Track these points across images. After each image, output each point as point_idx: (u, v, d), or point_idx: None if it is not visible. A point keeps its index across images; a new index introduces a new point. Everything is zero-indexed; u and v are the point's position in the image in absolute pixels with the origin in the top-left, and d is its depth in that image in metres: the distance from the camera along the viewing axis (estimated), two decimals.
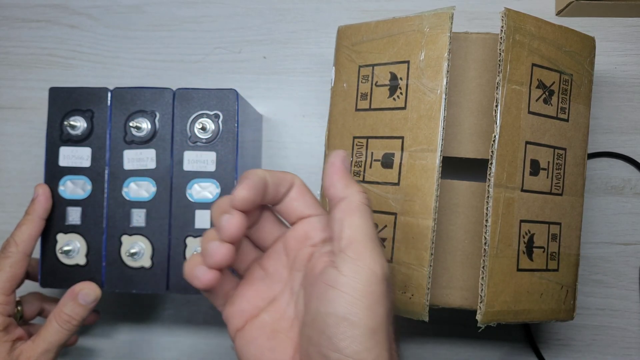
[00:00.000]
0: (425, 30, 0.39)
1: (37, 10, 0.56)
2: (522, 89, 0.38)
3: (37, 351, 0.40)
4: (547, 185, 0.39)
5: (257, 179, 0.31)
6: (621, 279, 0.51)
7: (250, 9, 0.55)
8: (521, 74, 0.38)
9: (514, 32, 0.37)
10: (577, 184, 0.40)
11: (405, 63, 0.40)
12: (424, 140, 0.38)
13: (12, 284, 0.41)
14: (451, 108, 0.39)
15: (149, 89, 0.44)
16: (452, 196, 0.39)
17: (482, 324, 0.37)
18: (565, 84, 0.39)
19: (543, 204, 0.38)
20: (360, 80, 0.42)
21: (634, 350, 0.51)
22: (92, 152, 0.44)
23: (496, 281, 0.37)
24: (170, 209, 0.43)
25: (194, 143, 0.43)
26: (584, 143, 0.40)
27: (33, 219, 0.42)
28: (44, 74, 0.56)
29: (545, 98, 0.38)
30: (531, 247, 0.39)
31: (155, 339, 0.54)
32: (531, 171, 0.38)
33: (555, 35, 0.39)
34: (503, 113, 0.37)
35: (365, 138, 0.41)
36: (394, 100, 0.40)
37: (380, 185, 0.40)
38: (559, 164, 0.39)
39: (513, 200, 0.37)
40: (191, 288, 0.43)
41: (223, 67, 0.54)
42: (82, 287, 0.42)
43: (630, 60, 0.52)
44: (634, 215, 0.51)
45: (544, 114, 0.38)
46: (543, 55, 0.38)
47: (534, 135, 0.38)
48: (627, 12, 0.51)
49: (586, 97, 0.40)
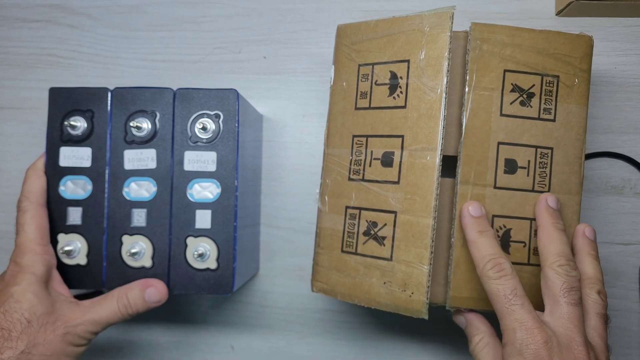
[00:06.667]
0: (426, 30, 0.40)
1: (37, 10, 0.56)
2: (492, 94, 0.40)
3: (83, 318, 0.40)
4: (528, 183, 0.40)
5: None
6: (621, 279, 0.51)
7: (250, 9, 0.55)
8: (490, 80, 0.40)
9: (481, 44, 0.40)
10: (570, 182, 0.40)
11: (405, 62, 0.40)
12: (424, 139, 0.39)
13: (42, 233, 0.42)
14: (451, 107, 0.40)
15: (149, 89, 0.44)
16: (452, 195, 0.40)
17: (449, 307, 0.39)
18: (550, 85, 0.40)
19: (523, 200, 0.40)
20: (360, 79, 0.42)
21: (634, 351, 0.51)
22: (92, 152, 0.44)
23: (463, 269, 0.39)
24: (171, 209, 0.43)
25: (194, 143, 0.43)
26: (578, 142, 0.41)
27: (35, 173, 0.43)
28: (44, 74, 0.56)
29: (522, 100, 0.40)
30: (507, 240, 0.40)
31: (155, 339, 0.54)
32: (506, 169, 0.40)
33: (533, 40, 0.40)
34: (470, 117, 0.39)
35: (365, 137, 0.41)
36: (394, 99, 0.40)
37: (380, 184, 0.40)
38: (544, 163, 0.40)
39: (483, 196, 0.39)
40: (191, 288, 0.43)
41: (223, 67, 0.54)
42: (154, 284, 0.42)
43: (630, 60, 0.52)
44: (633, 215, 0.51)
45: (521, 116, 0.40)
46: (518, 61, 0.40)
47: (508, 136, 0.40)
48: (627, 12, 0.51)
49: (580, 96, 0.41)
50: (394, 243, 0.39)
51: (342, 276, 0.41)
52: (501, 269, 0.36)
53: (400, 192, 0.39)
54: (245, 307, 0.54)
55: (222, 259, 0.43)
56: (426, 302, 0.37)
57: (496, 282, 0.36)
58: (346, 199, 0.42)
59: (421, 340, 0.52)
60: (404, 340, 0.53)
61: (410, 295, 0.38)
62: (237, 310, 0.54)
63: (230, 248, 0.43)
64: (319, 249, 0.43)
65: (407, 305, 0.38)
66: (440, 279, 0.40)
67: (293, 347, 0.53)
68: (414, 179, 0.39)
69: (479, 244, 0.38)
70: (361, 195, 0.41)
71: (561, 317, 0.35)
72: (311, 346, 0.53)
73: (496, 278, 0.36)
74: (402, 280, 0.39)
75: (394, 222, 0.39)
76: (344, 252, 0.41)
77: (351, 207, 0.41)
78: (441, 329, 0.52)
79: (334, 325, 0.53)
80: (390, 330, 0.53)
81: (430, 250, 0.38)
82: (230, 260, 0.43)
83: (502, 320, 0.36)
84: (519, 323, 0.35)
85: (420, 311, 0.38)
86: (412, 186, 0.39)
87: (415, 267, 0.38)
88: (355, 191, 0.41)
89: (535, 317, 0.35)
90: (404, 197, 0.39)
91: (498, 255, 0.37)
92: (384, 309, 0.39)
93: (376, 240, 0.40)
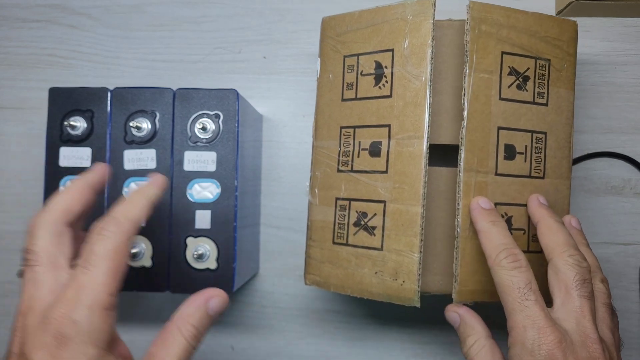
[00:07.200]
0: (409, 18, 0.39)
1: (37, 10, 0.56)
2: (492, 77, 0.39)
3: None
4: (526, 168, 0.40)
5: None
6: (621, 279, 0.51)
7: (250, 9, 0.55)
8: (489, 62, 0.39)
9: (479, 23, 0.39)
10: (561, 166, 0.41)
11: (389, 51, 0.40)
12: (411, 127, 0.39)
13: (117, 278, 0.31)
14: (436, 95, 0.40)
15: (149, 89, 0.44)
16: (439, 183, 0.40)
17: (457, 302, 0.38)
18: (542, 69, 0.40)
19: (521, 187, 0.40)
20: (345, 70, 0.43)
21: (634, 351, 0.51)
22: (92, 153, 0.44)
23: (469, 261, 0.38)
24: (171, 209, 0.43)
25: (194, 143, 0.43)
26: (567, 126, 0.41)
27: (144, 198, 0.35)
28: (44, 74, 0.56)
29: (519, 84, 0.40)
30: (509, 229, 0.39)
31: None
32: (506, 155, 0.39)
33: (527, 22, 0.40)
34: (471, 101, 0.38)
35: (353, 128, 0.42)
36: (380, 89, 0.41)
37: (368, 174, 0.40)
38: (539, 148, 0.40)
39: (486, 184, 0.39)
40: (191, 288, 0.43)
41: (223, 67, 0.54)
42: (212, 294, 0.34)
43: (630, 60, 0.52)
44: (634, 215, 0.51)
45: (519, 100, 0.40)
46: (514, 43, 0.40)
47: (507, 121, 0.39)
48: (627, 12, 0.51)
49: (568, 80, 0.41)
50: (384, 232, 0.39)
51: (334, 268, 0.41)
52: (516, 259, 0.34)
53: (389, 181, 0.39)
54: (245, 307, 0.54)
55: (222, 259, 0.43)
56: (417, 290, 0.37)
57: (510, 274, 0.34)
58: (336, 190, 0.42)
59: (421, 342, 0.52)
60: (404, 341, 0.53)
61: (402, 284, 0.38)
62: (237, 310, 0.54)
63: (230, 248, 0.43)
64: (310, 242, 0.43)
65: (399, 294, 0.38)
66: (434, 267, 0.39)
67: (293, 347, 0.53)
68: (401, 167, 0.39)
69: (491, 234, 0.36)
70: (350, 186, 0.41)
71: (574, 312, 0.33)
72: (311, 346, 0.53)
73: (510, 269, 0.34)
74: (393, 269, 0.38)
75: (383, 211, 0.39)
76: (335, 243, 0.41)
77: (341, 198, 0.41)
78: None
79: (334, 325, 0.53)
80: (390, 331, 0.53)
81: (420, 238, 0.37)
82: (230, 261, 0.43)
83: (512, 315, 0.33)
84: (531, 320, 0.32)
85: (412, 299, 0.37)
86: (400, 175, 0.39)
87: (406, 256, 0.38)
88: (345, 182, 0.41)
89: (548, 314, 0.33)
90: (393, 186, 0.39)
91: (512, 246, 0.35)
92: (376, 299, 0.39)
93: (366, 231, 0.40)
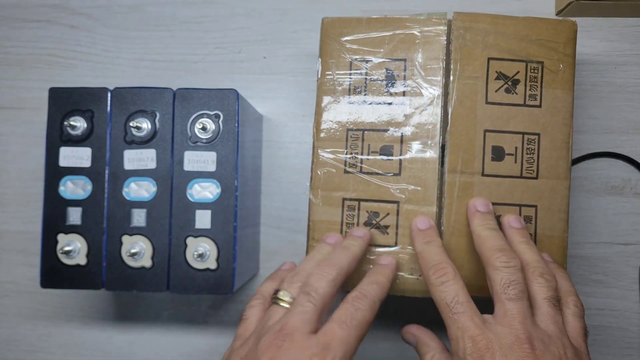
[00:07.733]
0: (422, 30, 0.41)
1: (37, 10, 0.56)
2: (477, 82, 0.41)
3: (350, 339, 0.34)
4: (516, 169, 0.41)
5: None
6: (621, 279, 0.51)
7: (250, 9, 0.55)
8: (474, 69, 0.41)
9: (464, 33, 0.41)
10: (558, 167, 0.41)
11: (402, 61, 0.42)
12: (424, 133, 0.41)
13: None
14: None
15: (149, 89, 0.44)
16: None
17: None
18: (534, 71, 0.41)
19: (511, 187, 0.41)
20: (352, 73, 0.43)
21: (634, 351, 0.51)
22: (92, 152, 0.44)
23: (454, 257, 0.40)
24: (171, 209, 0.43)
25: (194, 143, 0.43)
26: (564, 127, 0.42)
27: (382, 284, 0.38)
28: (44, 74, 0.55)
29: (507, 88, 0.41)
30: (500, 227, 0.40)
31: (155, 339, 0.54)
32: (493, 157, 0.41)
33: (517, 27, 0.42)
34: (455, 106, 0.41)
35: (361, 130, 0.42)
36: (392, 96, 0.42)
37: (380, 176, 0.42)
38: (531, 149, 0.41)
39: (471, 184, 0.41)
40: (191, 288, 0.43)
41: (223, 67, 0.54)
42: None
43: (630, 61, 0.52)
44: (634, 215, 0.51)
45: (507, 103, 0.41)
46: (502, 49, 0.41)
47: (494, 124, 0.41)
48: (627, 12, 0.51)
49: (566, 81, 0.42)
50: (397, 231, 0.41)
51: None
52: (443, 273, 0.36)
53: (402, 183, 0.41)
54: None
55: (222, 259, 0.43)
56: None
57: (439, 290, 0.35)
58: (342, 191, 0.42)
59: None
60: None
61: (418, 278, 0.41)
62: (237, 310, 0.54)
63: (230, 248, 0.43)
64: (312, 242, 0.43)
65: (416, 287, 0.41)
66: None
67: None
68: (415, 172, 0.41)
69: (424, 253, 0.38)
70: (360, 187, 0.42)
71: (504, 316, 0.34)
72: None
73: (438, 285, 0.35)
74: (409, 264, 0.41)
75: (397, 211, 0.41)
76: None
77: (349, 199, 0.42)
78: (440, 330, 0.52)
79: None
80: (390, 331, 0.53)
81: None
82: (230, 261, 0.43)
83: (448, 329, 0.35)
84: (462, 331, 0.34)
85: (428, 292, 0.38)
86: (414, 178, 0.41)
87: None
88: (353, 183, 0.42)
89: (478, 322, 0.34)
90: (407, 189, 0.41)
91: (441, 261, 0.37)
92: (391, 293, 0.40)
93: (379, 230, 0.41)
